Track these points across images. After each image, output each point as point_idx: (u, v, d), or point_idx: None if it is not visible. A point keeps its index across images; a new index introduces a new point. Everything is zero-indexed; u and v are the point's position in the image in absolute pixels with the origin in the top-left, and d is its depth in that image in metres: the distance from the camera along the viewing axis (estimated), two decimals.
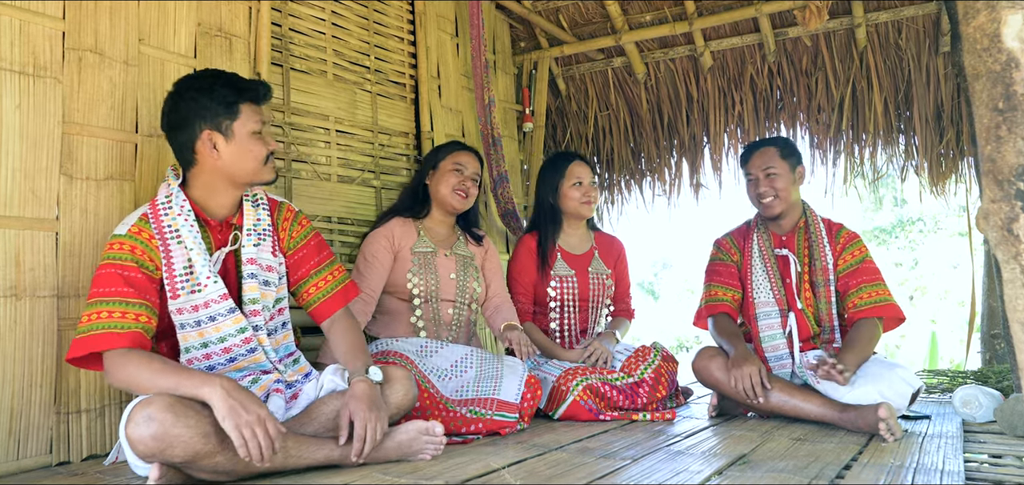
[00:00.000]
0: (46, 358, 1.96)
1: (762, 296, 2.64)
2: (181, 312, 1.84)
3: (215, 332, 1.86)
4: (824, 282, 2.60)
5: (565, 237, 3.11)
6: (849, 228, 2.69)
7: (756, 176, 2.66)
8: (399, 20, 3.38)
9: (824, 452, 1.95)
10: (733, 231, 2.85)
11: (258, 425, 1.59)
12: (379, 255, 2.62)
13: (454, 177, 2.74)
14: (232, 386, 1.63)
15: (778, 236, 2.71)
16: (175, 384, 1.64)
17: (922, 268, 12.11)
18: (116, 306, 1.73)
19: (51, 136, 2.01)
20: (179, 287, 1.82)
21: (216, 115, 1.87)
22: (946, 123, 3.67)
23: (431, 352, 2.57)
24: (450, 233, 2.83)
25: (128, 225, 1.83)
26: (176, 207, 1.86)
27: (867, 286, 2.56)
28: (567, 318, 3.02)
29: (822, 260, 2.61)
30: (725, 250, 2.80)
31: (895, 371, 2.37)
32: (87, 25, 2.12)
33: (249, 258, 1.95)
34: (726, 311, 2.71)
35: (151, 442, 1.54)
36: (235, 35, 2.54)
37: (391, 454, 1.87)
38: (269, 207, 2.05)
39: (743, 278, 2.72)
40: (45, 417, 1.95)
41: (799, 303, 2.61)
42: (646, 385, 2.72)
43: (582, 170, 3.06)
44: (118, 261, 1.78)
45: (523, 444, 2.15)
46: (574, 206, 3.04)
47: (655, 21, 4.02)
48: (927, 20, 3.62)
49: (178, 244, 1.84)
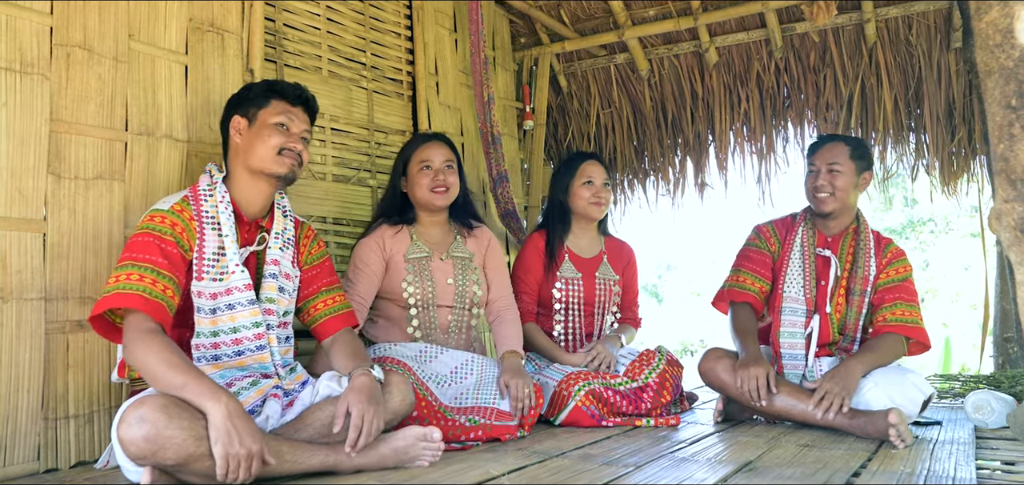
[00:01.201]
0: (33, 363, 1.96)
1: (792, 292, 2.62)
2: (201, 295, 1.90)
3: (230, 321, 1.92)
4: (860, 291, 2.58)
5: (574, 239, 3.10)
6: (897, 245, 2.68)
7: (818, 168, 2.61)
8: (396, 15, 3.38)
9: (833, 459, 1.95)
10: (776, 220, 2.81)
11: (244, 461, 1.61)
12: (370, 262, 2.59)
13: (425, 177, 2.64)
14: (236, 410, 1.64)
15: (824, 236, 2.68)
16: (183, 384, 1.65)
17: (933, 270, 12.11)
18: (148, 272, 1.79)
19: (38, 134, 2.01)
20: (206, 270, 1.91)
21: (248, 104, 2.06)
22: (958, 121, 3.66)
23: (430, 357, 2.56)
24: (445, 233, 2.76)
25: (171, 203, 1.93)
26: (218, 195, 1.99)
27: (903, 304, 2.54)
28: (571, 322, 3.01)
29: (865, 269, 2.59)
30: (764, 237, 2.77)
31: (906, 376, 2.37)
32: (75, 20, 2.11)
33: (273, 260, 2.05)
34: (750, 301, 2.68)
35: (143, 443, 1.55)
36: (228, 31, 2.54)
37: (387, 460, 1.87)
38: (294, 223, 2.18)
39: (777, 270, 2.69)
40: (32, 423, 1.95)
41: (829, 307, 2.59)
42: (650, 390, 2.71)
43: (594, 169, 3.05)
44: (157, 232, 1.86)
45: (523, 451, 2.15)
46: (583, 206, 3.03)
47: (659, 16, 4.02)
48: (938, 15, 3.61)
49: (213, 230, 1.95)
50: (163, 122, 2.30)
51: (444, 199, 2.66)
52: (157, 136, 2.28)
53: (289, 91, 2.08)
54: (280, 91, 2.07)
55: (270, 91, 2.07)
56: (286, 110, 2.05)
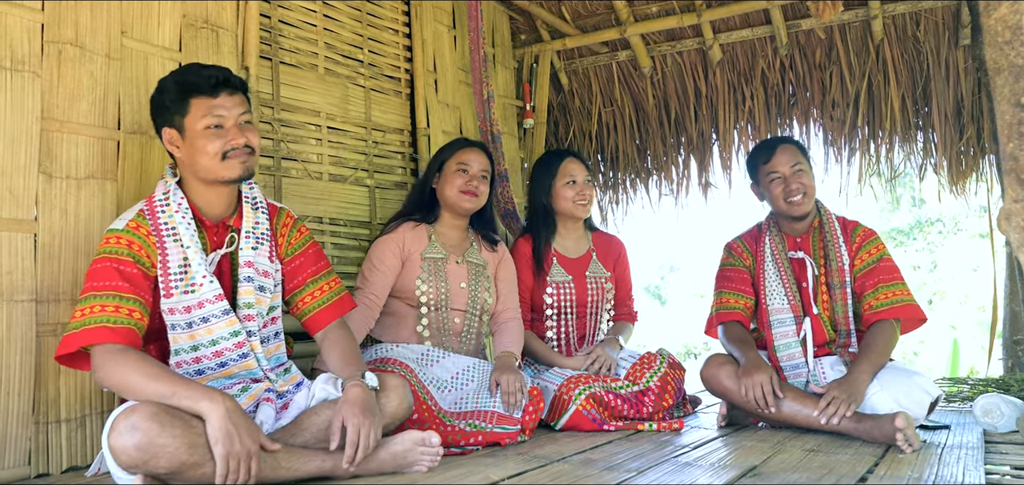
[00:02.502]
0: (24, 366, 1.96)
1: (776, 303, 2.63)
2: (173, 312, 1.85)
3: (207, 335, 1.87)
4: (840, 284, 2.59)
5: (560, 240, 3.09)
6: (865, 225, 2.68)
7: (783, 173, 2.61)
8: (394, 12, 3.39)
9: (839, 464, 1.95)
10: (744, 234, 2.84)
11: (245, 461, 1.61)
12: (387, 260, 2.62)
13: (460, 178, 2.71)
14: (234, 408, 1.64)
15: (792, 238, 2.70)
16: (171, 392, 1.64)
17: (941, 271, 12.11)
18: (110, 300, 1.75)
19: (29, 133, 2.01)
20: (173, 286, 1.85)
21: (170, 113, 1.91)
22: (966, 119, 3.67)
23: (432, 361, 2.57)
24: (463, 238, 2.81)
25: (125, 220, 1.87)
26: (173, 204, 1.90)
27: (884, 286, 2.54)
28: (564, 326, 3.01)
29: (838, 261, 2.60)
30: (736, 254, 2.79)
31: (913, 379, 2.37)
32: (67, 17, 2.12)
33: (247, 261, 1.97)
34: (738, 319, 2.70)
35: (135, 452, 1.55)
36: (222, 27, 2.55)
37: (385, 465, 1.87)
38: (269, 212, 2.08)
39: (756, 283, 2.71)
40: (23, 428, 1.95)
41: (816, 308, 2.59)
42: (652, 393, 2.72)
43: (575, 167, 3.04)
44: (114, 255, 1.81)
45: (524, 455, 2.15)
46: (568, 206, 3.03)
47: (662, 13, 4.02)
48: (946, 12, 3.62)
49: (174, 242, 1.87)
50: None
51: (472, 203, 2.72)
52: (150, 135, 2.28)
53: (203, 84, 1.89)
54: (194, 87, 1.89)
55: (184, 92, 1.89)
56: (210, 106, 1.88)
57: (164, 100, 1.91)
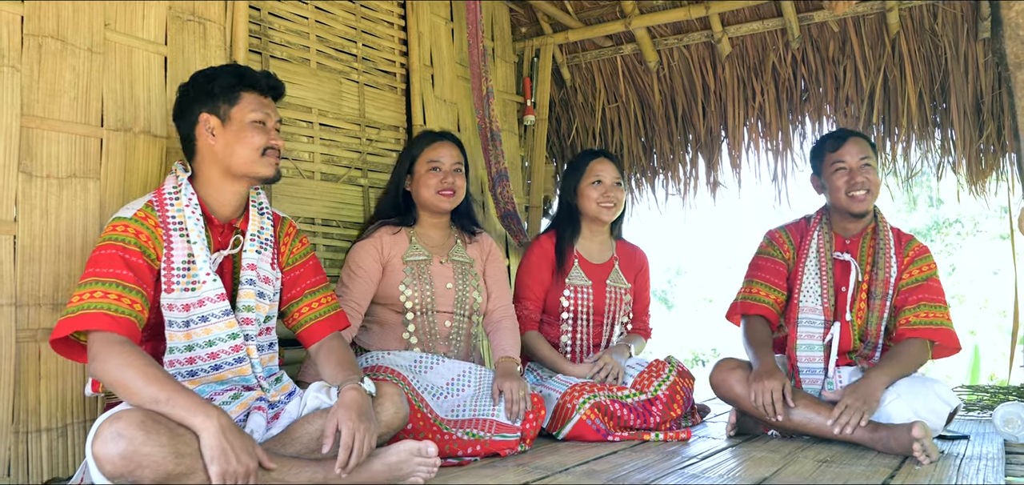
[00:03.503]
0: (3, 373, 1.96)
1: (809, 301, 2.61)
2: (172, 308, 1.88)
3: (204, 335, 1.90)
4: (882, 294, 2.57)
5: (584, 243, 3.09)
6: (920, 242, 2.67)
7: (850, 165, 2.58)
8: (389, 5, 3.38)
9: (853, 476, 1.94)
10: (789, 225, 2.80)
11: (242, 479, 1.61)
12: (365, 266, 2.60)
13: (433, 177, 2.67)
14: (229, 424, 1.64)
15: (842, 239, 2.68)
16: (166, 398, 1.64)
17: (960, 274, 12.10)
18: (113, 288, 1.76)
19: (8, 130, 2.01)
20: (175, 281, 1.88)
21: (215, 99, 1.97)
22: (986, 116, 3.66)
23: (425, 368, 2.56)
24: (445, 237, 2.79)
25: (134, 209, 1.90)
26: (183, 199, 1.95)
27: (926, 305, 2.53)
28: (580, 332, 3.00)
29: (886, 271, 2.58)
30: (777, 244, 2.76)
31: (931, 387, 2.37)
32: (48, 9, 2.11)
33: (250, 264, 2.01)
34: (764, 313, 2.68)
35: (119, 461, 1.55)
36: (210, 20, 2.54)
37: (380, 476, 1.86)
38: (273, 219, 2.14)
39: (792, 279, 2.69)
40: (2, 437, 1.94)
41: (849, 314, 2.58)
42: (660, 402, 2.71)
43: (603, 167, 3.03)
44: (120, 243, 1.83)
45: (524, 466, 2.15)
46: (592, 208, 3.02)
47: (668, 4, 4.02)
48: (965, 4, 3.61)
49: (181, 237, 1.91)
50: (141, 117, 2.31)
51: (450, 202, 2.69)
52: (135, 132, 2.28)
53: (261, 81, 2.02)
54: (251, 83, 2.00)
55: (240, 83, 1.98)
56: (261, 104, 1.99)
57: (214, 87, 1.97)
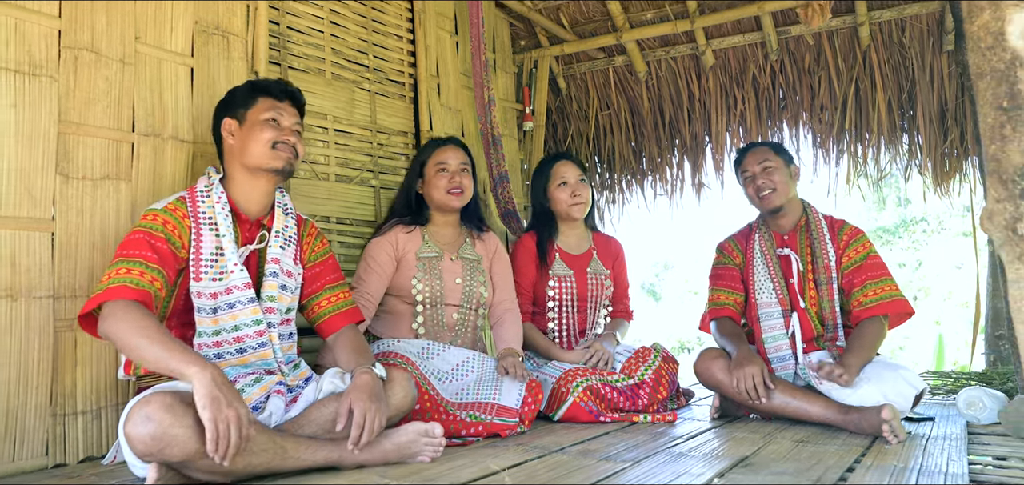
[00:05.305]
0: (42, 360, 1.97)
1: (764, 297, 2.66)
2: (201, 295, 1.91)
3: (231, 320, 1.93)
4: (826, 280, 2.60)
5: (563, 238, 3.12)
6: (852, 224, 2.69)
7: (752, 172, 2.69)
8: (398, 18, 3.39)
9: (827, 454, 1.95)
10: (735, 234, 2.87)
11: (234, 424, 1.57)
12: (381, 260, 2.62)
13: (442, 179, 2.70)
14: (221, 378, 1.62)
15: (780, 236, 2.73)
16: (163, 355, 1.64)
17: (926, 269, 12.12)
18: (135, 265, 1.79)
19: (47, 135, 2.01)
20: (203, 271, 1.91)
21: (235, 106, 2.07)
22: (950, 122, 3.67)
23: (433, 354, 2.57)
24: (456, 234, 2.81)
25: (165, 203, 1.94)
26: (214, 196, 2.00)
27: (872, 283, 2.55)
28: (566, 318, 3.02)
29: (824, 258, 2.62)
30: (727, 253, 2.83)
31: (899, 372, 2.37)
32: (83, 23, 2.12)
33: (274, 258, 2.05)
34: (729, 314, 2.73)
35: (149, 441, 1.55)
36: (233, 33, 2.55)
37: (390, 455, 1.87)
38: (297, 220, 2.18)
39: (746, 280, 2.74)
40: (41, 419, 1.95)
41: (802, 302, 2.61)
42: (647, 386, 2.72)
43: (566, 169, 3.06)
44: (148, 229, 1.87)
45: (523, 446, 2.15)
46: (563, 208, 3.04)
47: (656, 19, 4.03)
48: (931, 18, 3.62)
49: (210, 230, 1.95)
50: (169, 123, 2.31)
51: (460, 200, 2.71)
52: (163, 137, 2.28)
53: (273, 87, 2.09)
54: (264, 88, 2.09)
55: (254, 90, 2.08)
56: (273, 106, 2.06)
57: (235, 96, 2.09)
